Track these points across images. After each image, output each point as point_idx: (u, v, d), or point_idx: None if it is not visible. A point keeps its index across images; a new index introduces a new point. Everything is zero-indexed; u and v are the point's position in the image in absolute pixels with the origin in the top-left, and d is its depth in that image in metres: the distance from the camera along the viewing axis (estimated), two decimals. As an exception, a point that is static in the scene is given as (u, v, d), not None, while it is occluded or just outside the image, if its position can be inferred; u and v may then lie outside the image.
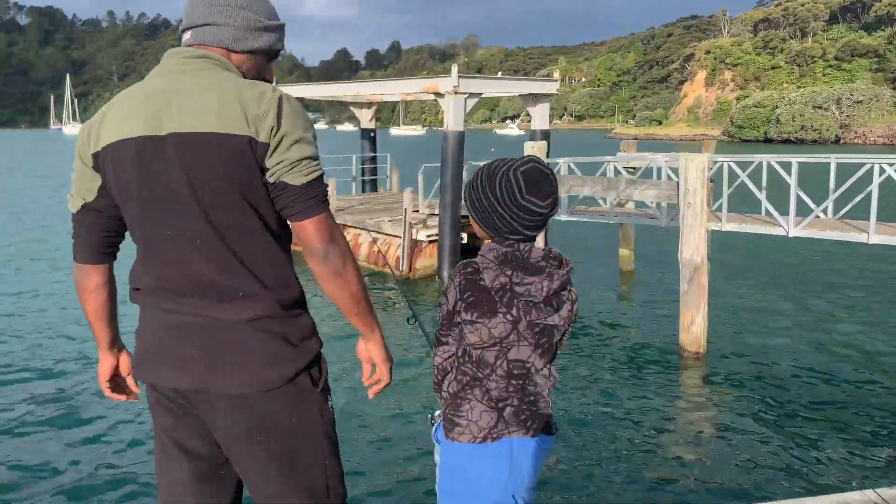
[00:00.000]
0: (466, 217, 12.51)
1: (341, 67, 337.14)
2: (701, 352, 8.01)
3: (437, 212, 12.31)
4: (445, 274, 11.85)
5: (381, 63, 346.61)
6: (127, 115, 1.64)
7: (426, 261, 12.26)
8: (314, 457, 1.79)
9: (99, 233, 1.79)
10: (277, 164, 1.61)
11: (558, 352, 2.04)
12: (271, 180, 1.62)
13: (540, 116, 13.56)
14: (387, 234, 12.82)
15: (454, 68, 11.48)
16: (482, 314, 1.85)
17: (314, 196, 1.64)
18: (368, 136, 17.75)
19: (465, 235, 12.20)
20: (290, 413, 1.74)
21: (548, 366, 1.96)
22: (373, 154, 17.91)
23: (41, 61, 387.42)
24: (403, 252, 12.17)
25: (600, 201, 11.31)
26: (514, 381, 1.89)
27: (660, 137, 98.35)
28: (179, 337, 1.70)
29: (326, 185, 1.71)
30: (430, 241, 12.24)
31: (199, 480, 1.83)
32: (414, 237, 12.18)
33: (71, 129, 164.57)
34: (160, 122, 1.60)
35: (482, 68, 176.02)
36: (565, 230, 16.45)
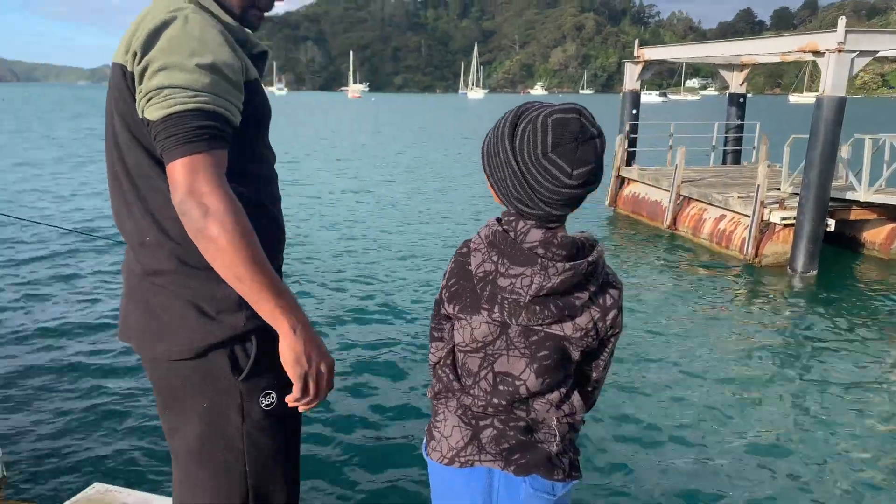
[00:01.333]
0: (837, 200, 10.56)
1: (741, 29, 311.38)
2: None
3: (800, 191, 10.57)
4: (799, 264, 10.17)
5: (791, 22, 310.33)
6: None
7: (777, 247, 10.65)
8: (228, 455, 1.48)
9: None
10: (140, 96, 1.31)
11: (594, 375, 1.48)
12: (140, 118, 1.34)
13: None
14: (735, 212, 11.47)
15: (841, 21, 9.51)
16: (463, 308, 1.41)
17: (175, 134, 1.27)
18: (737, 102, 16.02)
19: (831, 222, 10.25)
20: (199, 395, 1.46)
21: (560, 391, 1.42)
22: (739, 122, 16.14)
23: (458, 33, 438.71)
24: (750, 234, 10.77)
25: None
26: (497, 400, 1.42)
27: None
28: (123, 286, 1.56)
29: (209, 123, 1.30)
30: (786, 225, 10.57)
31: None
32: (765, 218, 10.67)
33: (473, 94, 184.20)
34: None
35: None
36: None
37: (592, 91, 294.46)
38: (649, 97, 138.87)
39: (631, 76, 15.18)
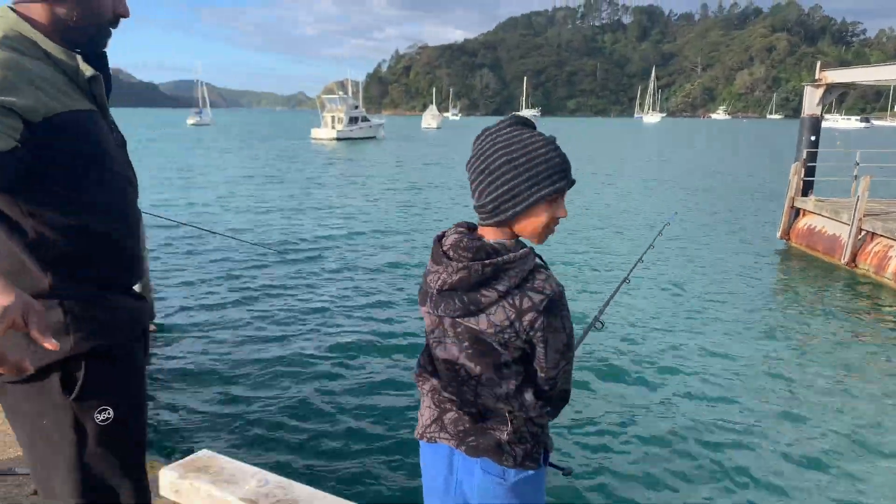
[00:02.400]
0: None
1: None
2: None
3: None
4: None
5: None
6: None
7: (979, 292, 9.35)
8: (64, 469, 1.61)
9: None
10: None
11: (543, 376, 1.57)
12: None
13: None
14: (928, 251, 10.23)
15: None
16: (421, 301, 1.65)
17: None
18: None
19: None
20: (39, 413, 1.58)
21: (507, 385, 1.55)
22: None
23: (636, 56, 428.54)
24: (944, 276, 9.55)
25: None
26: (452, 385, 1.62)
27: None
28: None
29: None
30: None
31: None
32: (963, 259, 9.42)
33: (649, 117, 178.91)
34: None
35: None
36: None
37: (781, 116, 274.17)
38: (848, 123, 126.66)
39: (811, 101, 14.07)
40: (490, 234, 1.56)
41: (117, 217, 1.68)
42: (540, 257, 1.57)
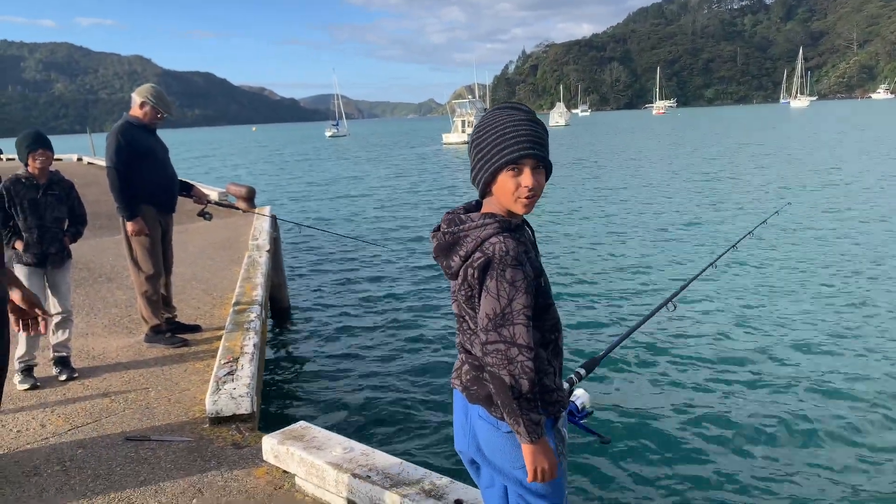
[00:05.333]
0: None
1: None
2: None
3: None
4: None
5: None
6: None
7: None
8: None
9: None
10: None
11: (482, 325, 1.62)
12: None
13: None
14: None
15: None
16: None
17: None
18: None
19: None
20: None
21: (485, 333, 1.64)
22: None
23: (780, 37, 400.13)
24: None
25: None
26: (462, 337, 1.77)
27: None
28: None
29: None
30: None
31: None
32: None
33: (797, 102, 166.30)
34: None
35: None
36: None
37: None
38: None
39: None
40: (487, 207, 1.71)
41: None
42: (527, 225, 1.73)
